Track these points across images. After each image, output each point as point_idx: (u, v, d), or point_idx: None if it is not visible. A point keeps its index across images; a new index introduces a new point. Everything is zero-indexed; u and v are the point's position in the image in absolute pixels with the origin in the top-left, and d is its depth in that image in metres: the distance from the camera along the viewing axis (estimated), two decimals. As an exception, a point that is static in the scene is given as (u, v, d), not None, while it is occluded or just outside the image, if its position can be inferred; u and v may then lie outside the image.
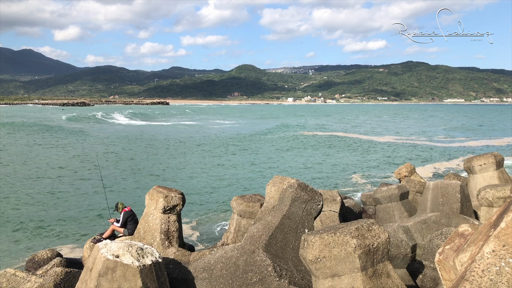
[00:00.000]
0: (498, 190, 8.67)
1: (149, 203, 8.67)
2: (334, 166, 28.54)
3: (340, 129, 64.86)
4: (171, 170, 26.18)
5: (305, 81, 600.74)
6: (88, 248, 9.32)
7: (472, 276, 2.64)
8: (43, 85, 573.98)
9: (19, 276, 6.72)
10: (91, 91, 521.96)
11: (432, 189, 8.87)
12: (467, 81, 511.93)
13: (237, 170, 26.53)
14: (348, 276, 4.30)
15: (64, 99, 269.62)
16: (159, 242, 8.29)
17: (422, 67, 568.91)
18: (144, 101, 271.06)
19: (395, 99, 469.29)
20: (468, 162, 11.66)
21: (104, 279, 4.51)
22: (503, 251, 2.65)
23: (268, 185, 7.63)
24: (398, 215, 10.02)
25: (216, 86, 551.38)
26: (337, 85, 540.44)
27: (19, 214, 15.89)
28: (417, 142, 45.14)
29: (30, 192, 19.24)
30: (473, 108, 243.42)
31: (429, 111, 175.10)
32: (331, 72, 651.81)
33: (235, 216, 9.79)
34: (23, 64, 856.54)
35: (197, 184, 21.96)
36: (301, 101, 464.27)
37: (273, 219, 6.52)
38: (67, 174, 23.91)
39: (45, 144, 38.78)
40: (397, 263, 6.23)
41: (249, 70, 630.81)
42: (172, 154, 33.67)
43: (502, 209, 3.19)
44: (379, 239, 4.49)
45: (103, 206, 16.35)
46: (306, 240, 4.53)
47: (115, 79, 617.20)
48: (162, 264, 5.05)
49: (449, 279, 3.86)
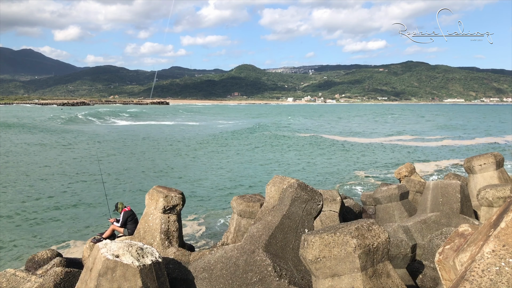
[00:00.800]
0: (498, 190, 8.67)
1: (149, 203, 8.68)
2: (332, 166, 28.55)
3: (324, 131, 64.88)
4: (171, 170, 26.18)
5: (305, 81, 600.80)
6: (88, 248, 9.32)
7: (472, 276, 2.64)
8: (43, 85, 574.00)
9: (19, 276, 6.71)
10: (91, 91, 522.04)
11: (432, 189, 8.87)
12: (467, 81, 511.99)
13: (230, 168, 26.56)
14: (348, 276, 4.30)
15: (64, 99, 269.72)
16: (159, 242, 8.29)
17: (422, 67, 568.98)
18: (144, 101, 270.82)
19: (395, 99, 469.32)
20: (468, 162, 11.66)
21: (104, 279, 4.51)
22: (503, 251, 2.65)
23: (268, 185, 7.63)
24: (398, 215, 10.02)
25: (216, 86, 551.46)
26: (337, 85, 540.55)
27: (19, 214, 15.89)
28: (417, 142, 45.17)
29: (30, 192, 19.24)
30: (473, 108, 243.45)
31: (429, 111, 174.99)
32: (331, 72, 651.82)
33: (235, 216, 9.79)
34: (23, 64, 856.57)
35: (197, 184, 21.96)
36: (301, 101, 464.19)
37: (273, 219, 6.52)
38: (67, 174, 23.90)
39: (44, 143, 38.79)
40: (397, 263, 6.23)
41: (249, 70, 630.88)
42: (172, 154, 33.67)
43: (502, 209, 3.19)
44: (379, 239, 4.49)
45: (103, 206, 16.35)
46: (306, 240, 4.53)
47: (115, 79, 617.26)
48: (162, 264, 5.05)
49: (449, 279, 3.86)
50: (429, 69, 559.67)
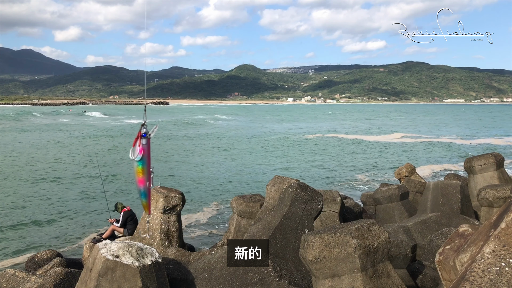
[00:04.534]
0: (498, 190, 8.67)
1: (149, 203, 8.67)
2: (332, 166, 28.55)
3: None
4: (170, 170, 26.18)
5: (305, 81, 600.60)
6: (88, 248, 9.31)
7: (472, 276, 2.64)
8: (43, 85, 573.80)
9: (19, 276, 6.71)
10: (91, 91, 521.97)
11: (432, 189, 8.87)
12: (467, 81, 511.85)
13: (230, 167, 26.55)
14: (348, 276, 4.30)
15: (64, 99, 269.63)
16: (159, 242, 8.29)
17: (422, 67, 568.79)
18: (144, 101, 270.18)
19: (395, 99, 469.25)
20: (468, 162, 11.65)
21: (104, 279, 4.51)
22: (503, 251, 2.65)
23: (268, 185, 7.62)
24: (398, 215, 10.02)
25: (216, 86, 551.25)
26: (337, 84, 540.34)
27: (18, 214, 15.88)
28: (417, 142, 45.16)
29: (29, 192, 19.23)
30: (473, 108, 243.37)
31: (429, 111, 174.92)
32: (331, 72, 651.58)
33: (235, 216, 9.78)
34: (23, 64, 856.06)
35: (197, 184, 21.96)
36: (301, 101, 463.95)
37: (273, 219, 6.51)
38: (67, 173, 23.89)
39: (44, 142, 38.78)
40: (397, 263, 6.22)
41: (249, 70, 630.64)
42: (172, 154, 33.67)
43: (502, 209, 3.19)
44: (379, 239, 4.49)
45: (102, 206, 16.34)
46: (306, 240, 4.53)
47: (115, 79, 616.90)
48: (162, 264, 5.05)
49: (449, 279, 3.86)
50: (429, 69, 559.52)
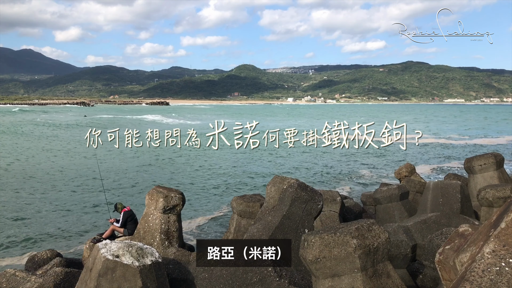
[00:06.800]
0: (498, 190, 8.67)
1: (149, 203, 8.68)
2: (332, 166, 28.54)
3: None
4: (170, 170, 26.18)
5: (305, 81, 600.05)
6: (88, 248, 9.32)
7: (472, 276, 2.64)
8: (43, 85, 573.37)
9: (19, 276, 6.71)
10: (91, 91, 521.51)
11: (432, 189, 8.87)
12: (467, 81, 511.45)
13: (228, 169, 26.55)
14: (348, 276, 4.30)
15: (64, 99, 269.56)
16: (159, 242, 8.30)
17: (421, 67, 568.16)
18: (144, 101, 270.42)
19: (395, 99, 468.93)
20: (468, 162, 11.65)
21: (104, 279, 4.51)
22: (503, 251, 2.65)
23: (268, 185, 7.63)
24: (398, 215, 10.01)
25: (216, 86, 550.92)
26: (337, 84, 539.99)
27: (18, 214, 15.88)
28: (417, 142, 45.10)
29: (29, 192, 19.23)
30: (474, 108, 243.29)
31: (429, 111, 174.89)
32: (331, 72, 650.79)
33: (235, 216, 9.79)
34: (23, 64, 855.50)
35: (197, 184, 21.97)
36: (301, 101, 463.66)
37: (273, 219, 6.52)
38: (67, 173, 23.90)
39: (43, 142, 38.79)
40: (397, 263, 6.23)
41: (249, 70, 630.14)
42: (172, 154, 33.66)
43: (502, 209, 3.19)
44: (379, 239, 4.49)
45: (102, 206, 16.34)
46: (306, 240, 4.53)
47: (115, 79, 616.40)
48: (162, 264, 5.05)
49: (449, 279, 3.86)
50: (429, 69, 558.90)
